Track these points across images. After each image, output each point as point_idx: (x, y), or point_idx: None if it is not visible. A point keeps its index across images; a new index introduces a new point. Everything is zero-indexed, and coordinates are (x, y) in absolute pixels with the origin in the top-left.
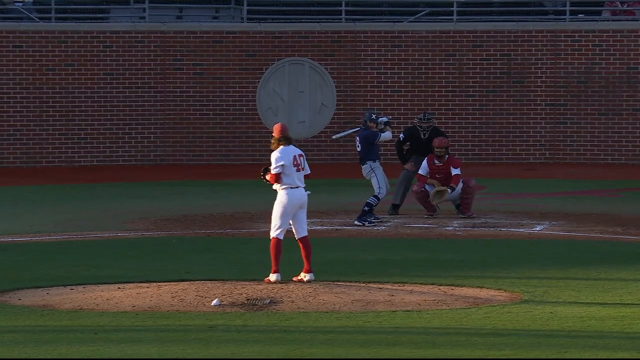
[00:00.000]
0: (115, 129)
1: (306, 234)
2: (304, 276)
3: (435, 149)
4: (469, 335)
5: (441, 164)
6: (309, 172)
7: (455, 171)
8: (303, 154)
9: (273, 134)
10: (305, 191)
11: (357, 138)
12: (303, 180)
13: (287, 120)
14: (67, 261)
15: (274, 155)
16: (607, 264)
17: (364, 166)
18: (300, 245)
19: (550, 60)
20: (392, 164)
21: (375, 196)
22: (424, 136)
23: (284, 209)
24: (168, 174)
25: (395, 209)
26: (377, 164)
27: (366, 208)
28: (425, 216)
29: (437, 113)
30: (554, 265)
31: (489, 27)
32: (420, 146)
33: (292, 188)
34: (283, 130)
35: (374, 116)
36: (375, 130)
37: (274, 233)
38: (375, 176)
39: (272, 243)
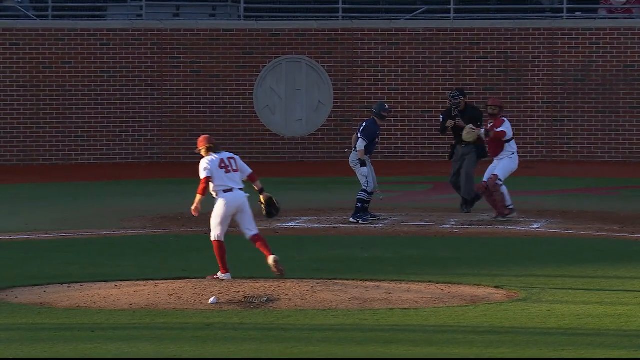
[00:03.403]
0: (112, 126)
1: (257, 231)
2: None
3: (488, 106)
4: (466, 333)
5: (492, 126)
6: (249, 171)
7: (501, 127)
8: (235, 157)
9: (199, 147)
10: (244, 193)
11: (364, 124)
12: (239, 182)
13: (284, 118)
14: (64, 259)
15: (201, 164)
16: (604, 261)
17: (352, 153)
18: (254, 242)
19: (547, 58)
20: (391, 163)
21: (364, 190)
22: (453, 112)
23: (221, 212)
24: (165, 172)
25: (467, 204)
26: (367, 157)
27: (359, 204)
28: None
29: (434, 111)
30: (551, 263)
31: (486, 25)
32: (456, 126)
33: (225, 191)
34: (209, 139)
35: (386, 106)
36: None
37: (213, 237)
38: (358, 172)
39: (214, 247)
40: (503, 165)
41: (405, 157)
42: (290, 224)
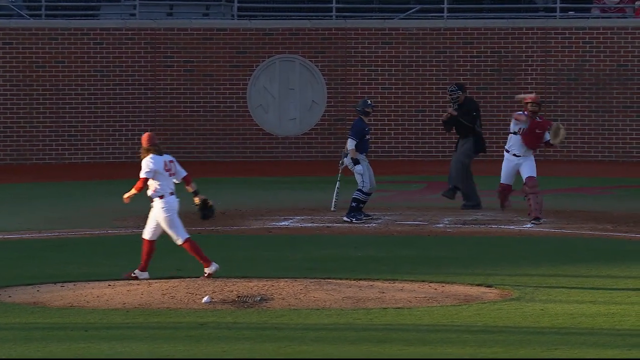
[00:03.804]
0: (105, 126)
1: (188, 235)
2: (209, 269)
3: (529, 104)
4: (460, 332)
5: (540, 120)
6: (185, 173)
7: (546, 136)
8: (174, 159)
9: (142, 145)
10: (176, 198)
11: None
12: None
13: (277, 117)
14: (57, 258)
15: (146, 161)
16: (597, 261)
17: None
18: (186, 247)
19: (540, 58)
20: (385, 162)
21: (360, 190)
22: (453, 107)
23: (168, 213)
24: None
25: (450, 192)
26: (363, 156)
27: (353, 204)
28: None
29: (427, 110)
30: (545, 262)
31: (480, 25)
32: (453, 119)
33: (170, 194)
34: (151, 139)
35: (369, 102)
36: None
37: (147, 236)
38: (356, 173)
39: (146, 245)
40: (533, 165)
41: (399, 156)
42: (283, 223)
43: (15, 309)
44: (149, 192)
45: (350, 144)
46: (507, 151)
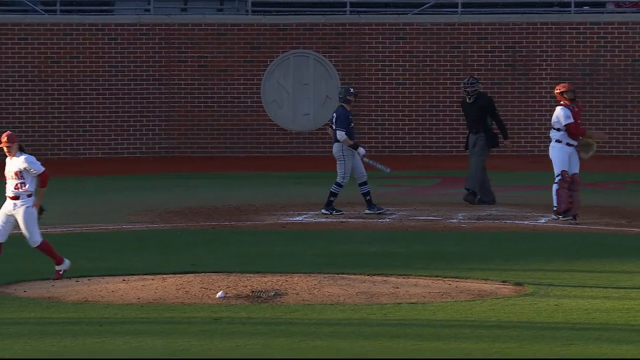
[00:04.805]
0: (119, 121)
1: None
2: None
3: (565, 92)
4: (474, 327)
5: (577, 110)
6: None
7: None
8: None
9: (7, 145)
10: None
11: (334, 115)
12: None
13: (291, 113)
14: (72, 253)
15: (34, 159)
16: (611, 256)
17: (336, 144)
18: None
19: (555, 53)
20: (399, 157)
21: (338, 184)
22: (469, 100)
23: (35, 215)
24: (172, 166)
25: (473, 196)
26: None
27: (332, 198)
28: (570, 219)
29: (442, 105)
30: (559, 258)
31: (494, 20)
32: (469, 113)
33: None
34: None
35: (352, 90)
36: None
37: (40, 239)
38: (344, 162)
39: (45, 246)
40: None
41: (413, 151)
42: (297, 218)
43: (30, 303)
44: (24, 191)
45: (340, 135)
46: (560, 141)
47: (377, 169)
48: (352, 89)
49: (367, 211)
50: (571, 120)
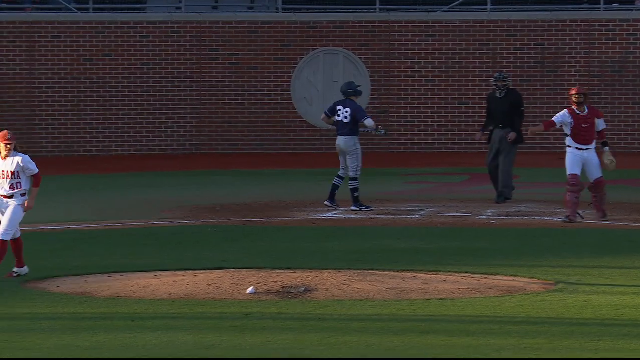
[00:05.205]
0: (151, 118)
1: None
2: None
3: (574, 95)
4: (503, 323)
5: (585, 114)
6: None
7: (601, 124)
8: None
9: (10, 142)
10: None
11: (348, 110)
12: None
13: (321, 110)
14: (104, 249)
15: (30, 159)
16: None
17: (348, 138)
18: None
19: (584, 50)
20: (428, 154)
21: (354, 178)
22: (500, 95)
23: (22, 213)
24: (204, 163)
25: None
26: (375, 126)
27: (356, 194)
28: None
29: (471, 102)
30: (588, 254)
31: (523, 17)
32: (499, 108)
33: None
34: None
35: (354, 83)
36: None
37: (17, 234)
38: (357, 155)
39: (19, 244)
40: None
41: (442, 148)
42: (327, 214)
43: (63, 299)
44: (19, 190)
45: (369, 121)
46: (570, 146)
47: (380, 136)
48: (354, 83)
49: (352, 208)
50: (552, 119)
